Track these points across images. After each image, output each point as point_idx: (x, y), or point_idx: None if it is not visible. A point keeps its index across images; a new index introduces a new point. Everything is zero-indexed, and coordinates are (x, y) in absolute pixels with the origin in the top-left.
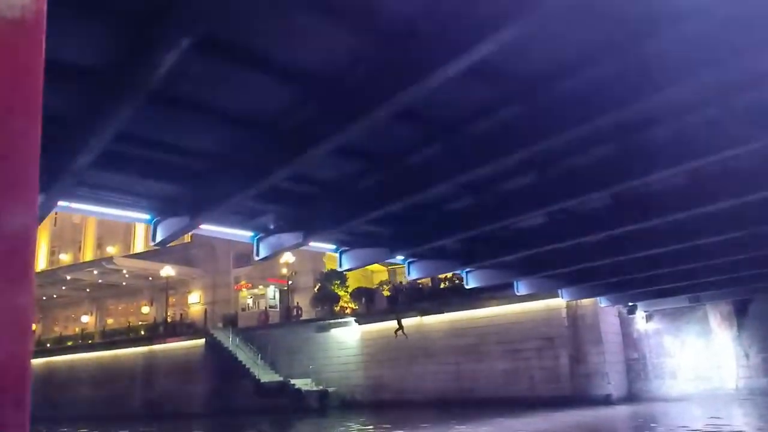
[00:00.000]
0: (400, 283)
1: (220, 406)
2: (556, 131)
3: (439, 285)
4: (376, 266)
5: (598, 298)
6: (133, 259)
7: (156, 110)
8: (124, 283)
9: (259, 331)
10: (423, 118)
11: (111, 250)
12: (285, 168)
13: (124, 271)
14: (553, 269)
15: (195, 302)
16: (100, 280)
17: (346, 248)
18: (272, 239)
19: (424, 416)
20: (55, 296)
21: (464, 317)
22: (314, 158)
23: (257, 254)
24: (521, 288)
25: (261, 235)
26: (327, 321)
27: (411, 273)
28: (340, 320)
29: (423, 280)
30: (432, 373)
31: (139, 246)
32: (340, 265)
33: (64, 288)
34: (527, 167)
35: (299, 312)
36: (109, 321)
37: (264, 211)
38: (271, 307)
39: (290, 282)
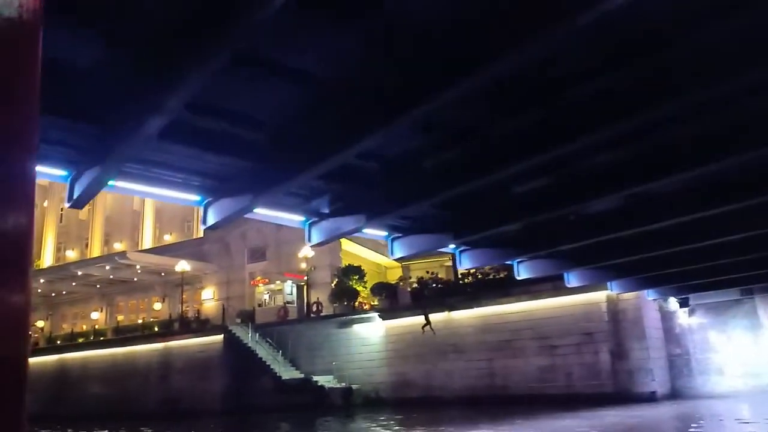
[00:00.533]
0: (421, 278)
1: (238, 403)
2: (668, 96)
3: (465, 279)
4: (390, 262)
5: (644, 291)
6: (146, 254)
7: (231, 72)
8: (135, 279)
9: (279, 327)
10: (517, 82)
11: (118, 246)
12: (364, 141)
13: (137, 267)
14: (608, 260)
15: (208, 298)
16: (111, 276)
17: (399, 235)
18: (327, 224)
19: (456, 415)
20: (64, 292)
21: (496, 312)
22: (393, 130)
23: (309, 240)
24: (572, 280)
25: (313, 219)
26: (349, 316)
27: (463, 262)
28: (363, 316)
29: (444, 275)
30: (461, 369)
31: (147, 242)
32: (392, 253)
33: (74, 284)
34: (618, 142)
35: (319, 308)
36: (120, 318)
37: (322, 191)
38: (288, 302)
39: (306, 277)
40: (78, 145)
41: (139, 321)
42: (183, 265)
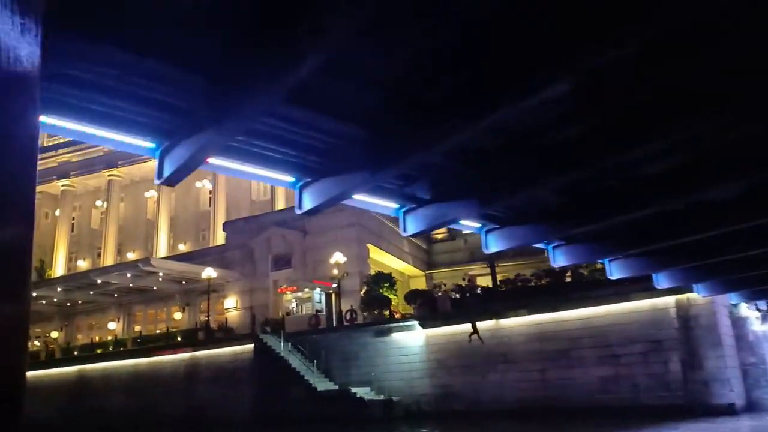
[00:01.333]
0: (461, 283)
1: (268, 414)
2: None
3: (502, 287)
4: (414, 270)
5: (718, 296)
6: (170, 261)
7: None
8: (155, 288)
9: (310, 337)
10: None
11: (131, 255)
12: (502, 108)
13: (160, 274)
14: (706, 258)
15: (231, 307)
16: (131, 284)
17: (495, 226)
18: (426, 212)
19: (510, 428)
20: (80, 302)
21: (551, 319)
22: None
23: (404, 230)
24: (662, 281)
25: (409, 207)
26: (387, 325)
27: (556, 259)
28: (401, 324)
29: (485, 281)
30: (512, 381)
31: (162, 251)
32: (486, 247)
33: (91, 293)
34: None
35: (353, 316)
36: (137, 328)
37: (424, 173)
38: (317, 311)
39: (335, 285)
40: (178, 107)
41: (157, 331)
42: (209, 272)
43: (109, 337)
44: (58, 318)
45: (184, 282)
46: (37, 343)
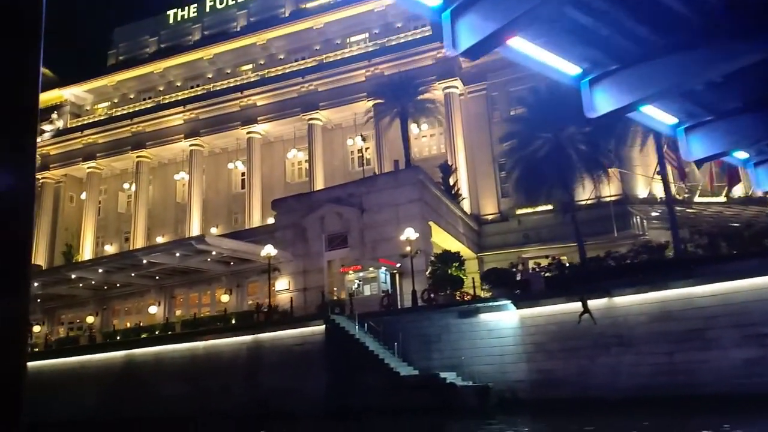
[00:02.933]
0: (558, 260)
1: (343, 404)
2: None
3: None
4: (467, 251)
5: None
6: (225, 239)
7: None
8: (200, 270)
9: (383, 318)
10: None
11: (161, 239)
12: None
13: (213, 253)
14: None
15: (283, 289)
16: (176, 265)
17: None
18: (709, 132)
19: (636, 418)
20: (118, 285)
21: (678, 296)
22: None
23: (689, 154)
24: None
25: (690, 123)
26: (475, 305)
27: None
28: (492, 304)
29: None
30: (630, 365)
31: (194, 234)
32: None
33: (133, 275)
34: None
35: (431, 296)
36: (178, 312)
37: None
38: (384, 291)
39: (398, 265)
40: None
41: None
42: (269, 250)
43: (149, 323)
44: (93, 303)
45: (232, 263)
46: (73, 328)
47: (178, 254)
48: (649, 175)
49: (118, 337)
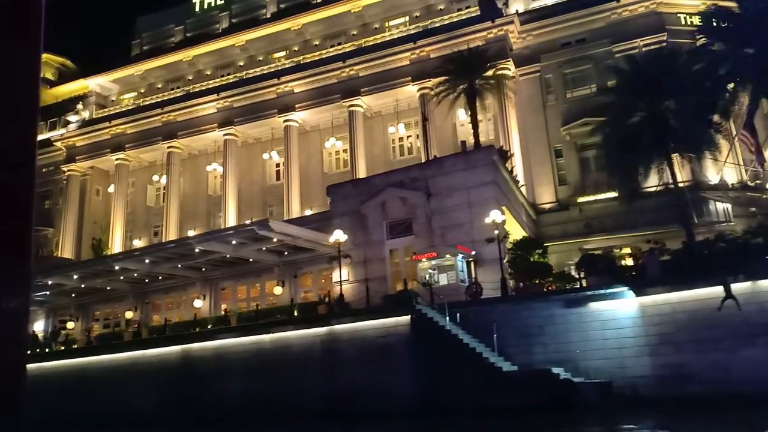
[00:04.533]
0: (662, 244)
1: (434, 402)
2: None
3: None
4: None
5: None
6: (290, 225)
7: None
8: (251, 260)
9: (472, 308)
10: None
11: (192, 233)
12: None
13: (274, 240)
14: None
15: (343, 280)
16: (231, 254)
17: None
18: None
19: None
20: (160, 278)
21: None
22: None
23: None
24: None
25: None
26: (584, 293)
27: None
28: (605, 292)
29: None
30: None
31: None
32: None
33: (180, 266)
34: None
35: (524, 284)
36: (225, 306)
37: None
38: (463, 281)
39: (473, 252)
40: None
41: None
42: (338, 236)
43: (194, 317)
44: (132, 297)
45: (287, 252)
46: (110, 324)
47: (234, 242)
48: (722, 159)
49: (167, 332)
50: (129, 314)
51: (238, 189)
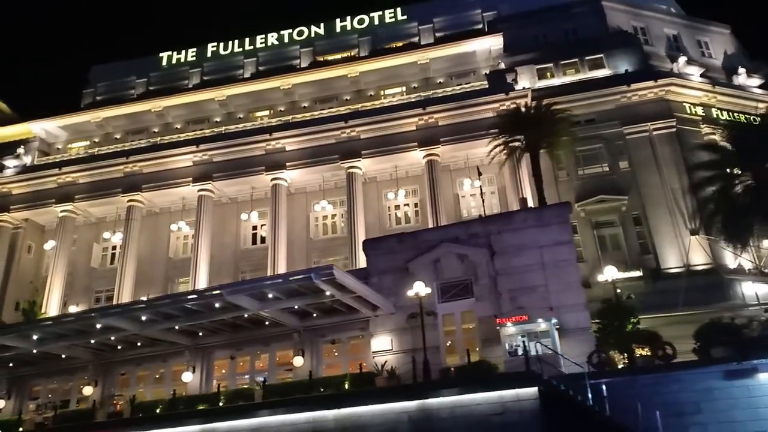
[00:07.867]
0: None
1: None
2: None
3: None
4: None
5: None
6: (348, 276)
7: None
8: (267, 323)
9: (602, 381)
10: None
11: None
12: None
13: (327, 293)
14: None
15: (384, 350)
16: (247, 314)
17: None
18: None
19: None
20: (139, 344)
21: None
22: None
23: None
24: None
25: None
26: (752, 362)
27: None
28: None
29: None
30: None
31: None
32: None
33: (177, 327)
34: None
35: (669, 352)
36: (222, 383)
37: None
38: (549, 348)
39: (554, 321)
40: None
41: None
42: (419, 288)
43: (181, 393)
44: (92, 368)
45: (315, 315)
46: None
47: (271, 295)
48: None
49: (157, 410)
50: (88, 390)
51: (213, 251)
